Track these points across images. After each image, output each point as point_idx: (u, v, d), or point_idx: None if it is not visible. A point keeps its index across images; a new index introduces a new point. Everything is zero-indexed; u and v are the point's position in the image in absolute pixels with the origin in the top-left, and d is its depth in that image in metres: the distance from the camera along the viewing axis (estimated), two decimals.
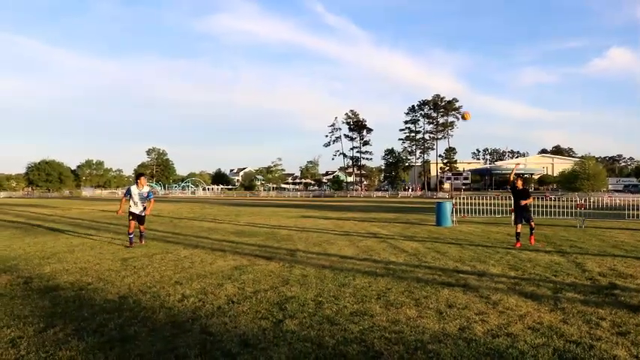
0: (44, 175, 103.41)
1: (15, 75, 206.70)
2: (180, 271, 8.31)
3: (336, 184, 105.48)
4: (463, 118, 14.88)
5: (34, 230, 16.35)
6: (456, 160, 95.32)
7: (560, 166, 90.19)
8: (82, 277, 7.80)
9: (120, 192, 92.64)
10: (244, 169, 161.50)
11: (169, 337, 4.78)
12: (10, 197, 79.36)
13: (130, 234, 11.77)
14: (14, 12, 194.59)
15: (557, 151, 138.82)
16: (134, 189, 11.90)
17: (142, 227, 12.14)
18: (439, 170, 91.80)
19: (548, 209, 18.50)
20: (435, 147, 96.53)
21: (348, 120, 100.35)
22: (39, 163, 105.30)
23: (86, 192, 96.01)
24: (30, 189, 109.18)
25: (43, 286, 7.13)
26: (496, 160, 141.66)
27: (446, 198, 46.31)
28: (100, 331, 4.93)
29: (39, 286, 7.14)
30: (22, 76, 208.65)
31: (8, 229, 16.90)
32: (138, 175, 12.58)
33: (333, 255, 10.31)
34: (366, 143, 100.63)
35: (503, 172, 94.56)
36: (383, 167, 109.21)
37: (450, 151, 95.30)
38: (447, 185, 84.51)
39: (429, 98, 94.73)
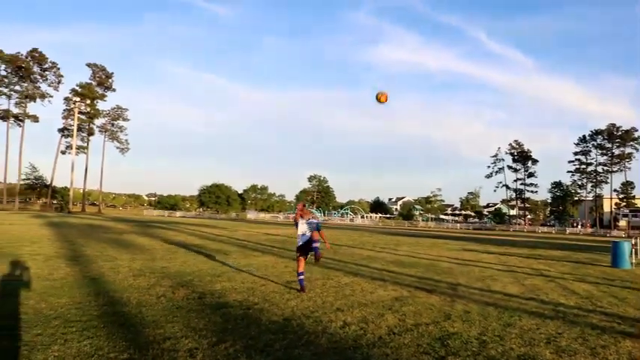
0: (214, 198, 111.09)
1: (197, 106, 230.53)
2: (342, 298, 8.38)
3: (498, 217, 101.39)
4: (378, 100, 9.86)
5: (205, 248, 17.63)
6: (634, 196, 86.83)
7: None
8: (249, 297, 8.18)
9: (282, 216, 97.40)
10: (403, 198, 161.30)
11: None
12: (184, 217, 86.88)
13: (299, 274, 9.11)
14: (201, 52, 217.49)
15: None
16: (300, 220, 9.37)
17: (317, 257, 9.09)
18: (614, 206, 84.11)
19: None
20: (609, 181, 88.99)
21: (512, 150, 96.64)
22: (210, 186, 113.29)
23: (250, 215, 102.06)
24: (201, 210, 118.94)
25: (214, 302, 7.60)
26: None
27: (622, 237, 41.99)
28: (267, 351, 5.08)
29: (211, 302, 7.62)
30: (203, 107, 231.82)
31: (183, 247, 18.41)
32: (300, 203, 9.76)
33: (496, 292, 9.76)
34: (530, 175, 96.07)
35: None
36: (549, 201, 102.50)
37: (628, 185, 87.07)
38: (622, 223, 77.06)
39: (602, 127, 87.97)
